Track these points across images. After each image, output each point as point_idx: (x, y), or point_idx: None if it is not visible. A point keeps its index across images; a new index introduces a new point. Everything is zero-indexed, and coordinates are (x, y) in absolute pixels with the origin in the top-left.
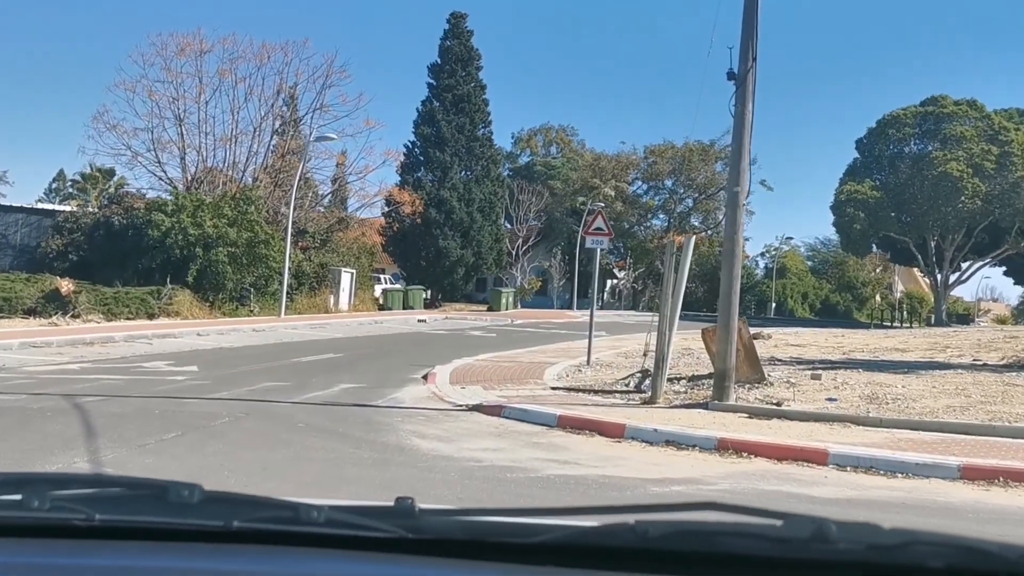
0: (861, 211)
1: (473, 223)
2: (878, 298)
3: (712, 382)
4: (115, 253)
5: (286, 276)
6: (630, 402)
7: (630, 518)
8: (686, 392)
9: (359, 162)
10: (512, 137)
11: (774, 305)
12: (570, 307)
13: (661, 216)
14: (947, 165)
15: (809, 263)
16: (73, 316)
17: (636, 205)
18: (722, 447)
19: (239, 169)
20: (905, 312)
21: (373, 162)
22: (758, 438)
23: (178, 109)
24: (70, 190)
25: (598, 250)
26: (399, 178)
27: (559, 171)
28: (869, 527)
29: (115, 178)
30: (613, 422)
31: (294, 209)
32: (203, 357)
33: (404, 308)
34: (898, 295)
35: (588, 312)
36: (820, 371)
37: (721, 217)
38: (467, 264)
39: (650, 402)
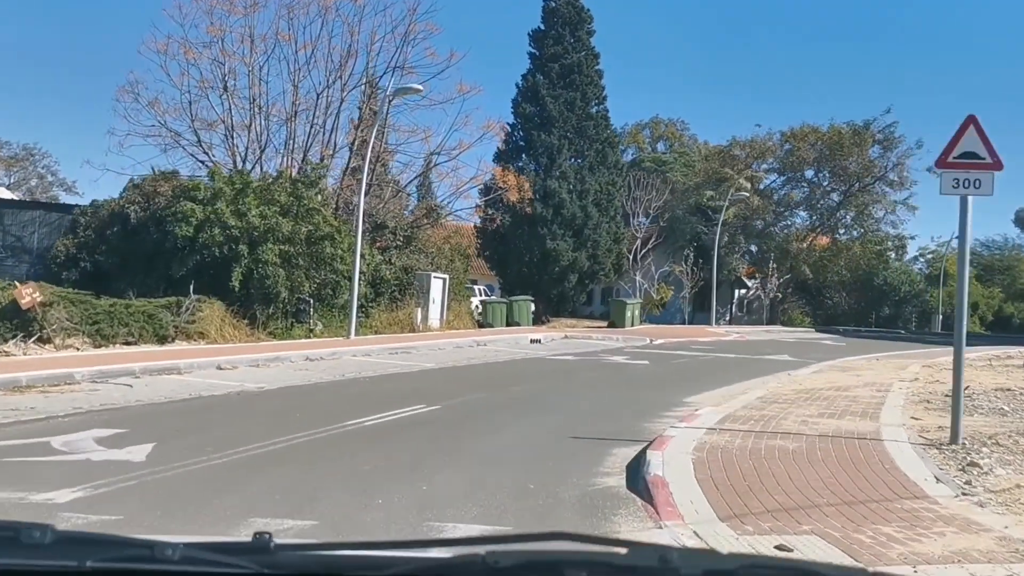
0: None
1: (588, 219)
2: None
3: None
4: (135, 256)
5: (356, 283)
6: None
7: (481, 550)
8: None
9: (451, 137)
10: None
11: (941, 318)
12: (706, 322)
13: (802, 213)
14: None
15: (971, 268)
16: (41, 340)
17: (772, 200)
18: None
19: (300, 150)
20: None
21: (468, 136)
22: None
23: (224, 73)
24: None
25: (968, 206)
26: (497, 164)
27: (672, 167)
28: (709, 554)
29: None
30: None
31: (367, 189)
32: (187, 417)
33: (508, 324)
34: None
35: (731, 328)
36: None
37: (882, 213)
38: (581, 269)
39: None
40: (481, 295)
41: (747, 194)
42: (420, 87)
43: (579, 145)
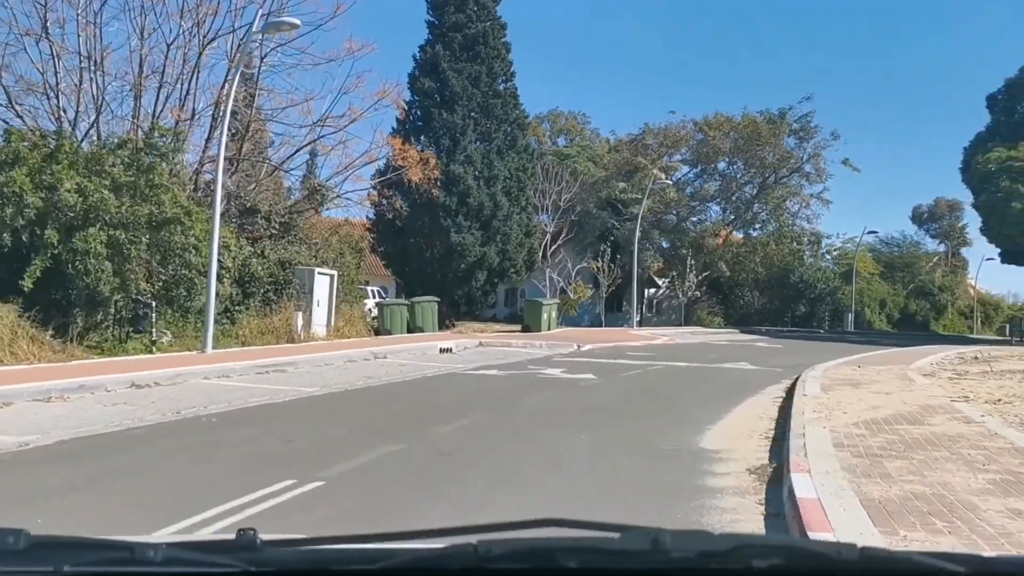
0: (1020, 184)
1: (497, 209)
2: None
3: None
4: None
5: (213, 279)
6: None
7: (473, 539)
8: None
9: (339, 104)
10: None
11: (852, 317)
12: (619, 324)
13: (715, 207)
14: None
15: (875, 266)
16: None
17: (685, 193)
18: None
19: (149, 117)
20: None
21: (359, 102)
22: None
23: (44, 17)
24: None
25: None
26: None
27: (576, 160)
28: (702, 535)
29: None
30: None
31: (232, 165)
32: None
33: (409, 331)
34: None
35: (657, 332)
36: None
37: (797, 207)
38: (490, 266)
39: None
40: (376, 298)
41: (669, 182)
42: (296, 20)
43: (486, 126)
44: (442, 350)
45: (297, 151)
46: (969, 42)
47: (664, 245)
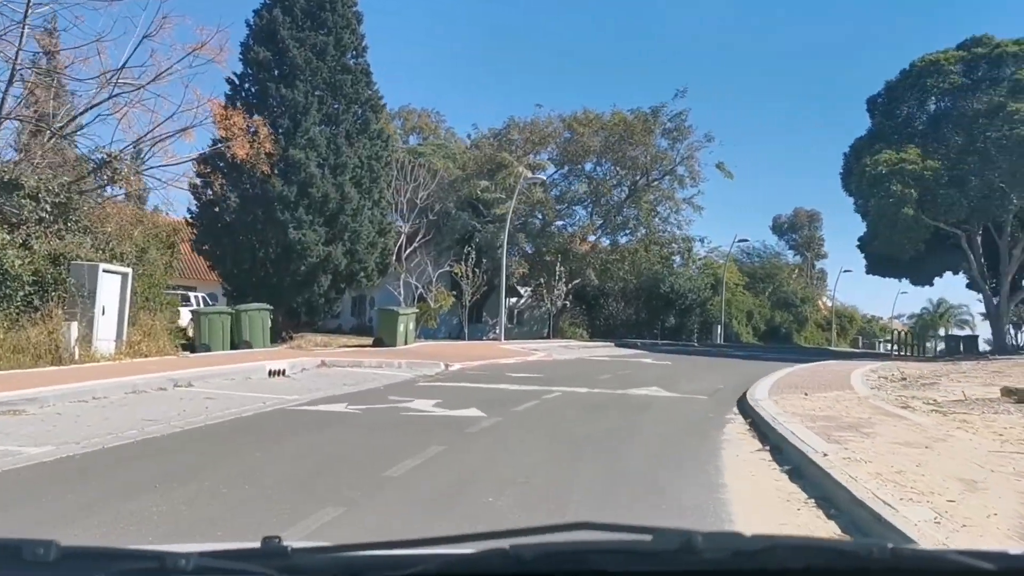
0: (913, 188)
1: (346, 202)
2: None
3: None
4: None
5: None
6: None
7: (504, 543)
8: None
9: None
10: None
11: (721, 329)
12: (481, 335)
13: (581, 211)
14: None
15: (739, 277)
16: None
17: (551, 195)
18: None
19: None
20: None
21: (168, 52)
22: None
23: None
24: None
25: None
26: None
27: (430, 158)
28: (733, 536)
29: None
30: None
31: None
32: None
33: (233, 346)
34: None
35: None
36: None
37: (667, 212)
38: (336, 269)
39: None
40: (201, 305)
41: (542, 176)
42: None
43: (333, 106)
44: (272, 373)
45: (84, 111)
46: (847, 45)
47: (528, 250)
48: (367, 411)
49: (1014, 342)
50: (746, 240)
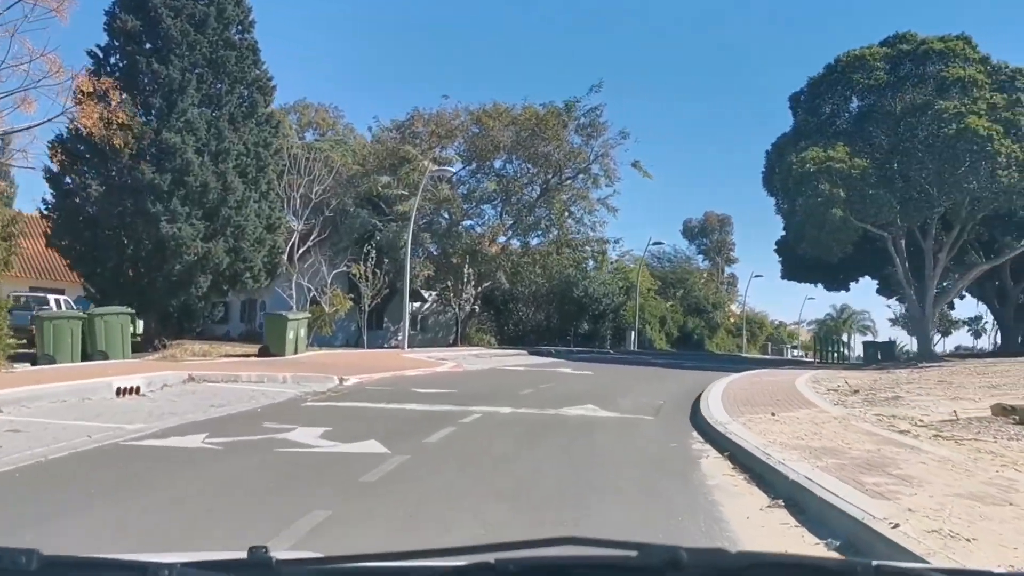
0: (841, 188)
1: (229, 192)
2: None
3: None
4: None
5: None
6: None
7: (489, 557)
8: None
9: None
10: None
11: (636, 335)
12: (381, 343)
13: (490, 210)
14: (966, 120)
15: (652, 282)
16: None
17: (458, 193)
18: None
19: None
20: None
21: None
22: None
23: None
24: None
25: None
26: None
27: (327, 154)
28: (718, 552)
29: None
30: None
31: None
32: None
33: (85, 357)
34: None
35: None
36: None
37: (581, 213)
38: (217, 268)
39: None
40: (64, 308)
41: (451, 168)
42: None
43: (215, 86)
44: (121, 391)
45: None
46: (768, 42)
47: (434, 251)
48: (230, 447)
49: (936, 349)
50: (661, 243)
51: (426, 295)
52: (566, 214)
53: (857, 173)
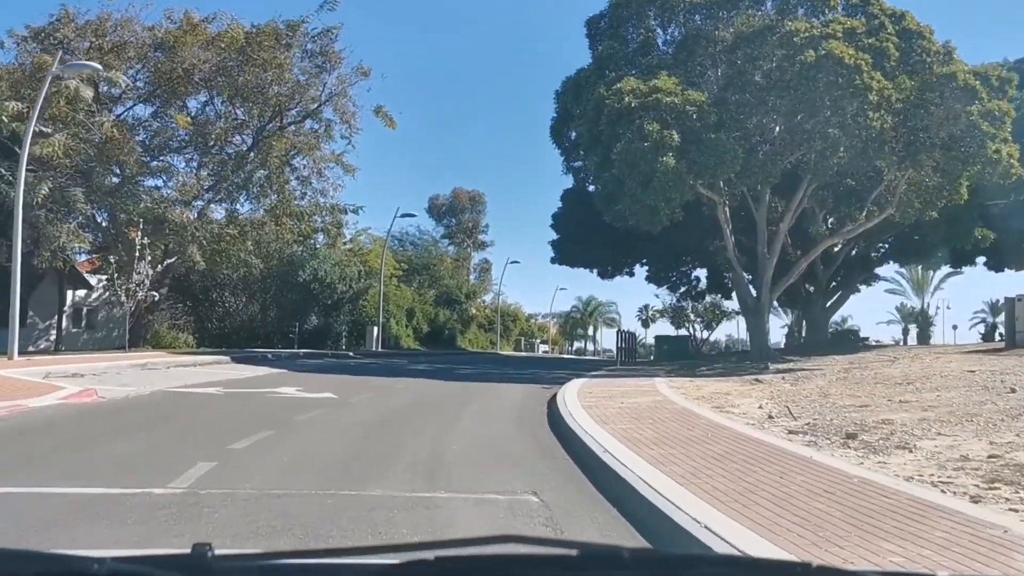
0: (674, 129)
1: None
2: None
3: None
4: None
5: None
6: None
7: (430, 555)
8: None
9: None
10: None
11: (379, 332)
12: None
13: (181, 164)
14: (826, 45)
15: (394, 268)
16: None
17: (135, 139)
18: None
19: None
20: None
21: None
22: None
23: None
24: None
25: None
26: None
27: None
28: (658, 551)
29: None
30: None
31: None
32: None
33: None
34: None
35: (71, 365)
36: None
37: (308, 171)
38: None
39: None
40: None
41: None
42: None
43: None
44: None
45: None
46: None
47: (100, 220)
48: None
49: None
50: (413, 215)
51: (94, 281)
52: (287, 171)
53: (694, 110)
